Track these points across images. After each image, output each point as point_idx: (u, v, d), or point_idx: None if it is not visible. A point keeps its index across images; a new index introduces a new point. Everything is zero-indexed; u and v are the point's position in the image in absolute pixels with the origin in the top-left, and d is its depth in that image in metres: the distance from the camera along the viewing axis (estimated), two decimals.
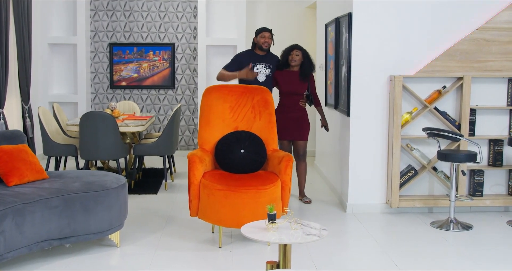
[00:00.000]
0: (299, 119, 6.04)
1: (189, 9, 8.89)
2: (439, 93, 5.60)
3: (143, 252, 4.59)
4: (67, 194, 4.32)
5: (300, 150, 6.09)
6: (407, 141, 5.71)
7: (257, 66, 5.98)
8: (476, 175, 5.74)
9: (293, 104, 6.01)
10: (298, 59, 5.99)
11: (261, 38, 5.99)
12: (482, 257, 4.54)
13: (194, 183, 4.68)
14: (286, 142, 6.07)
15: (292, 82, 6.00)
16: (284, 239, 3.38)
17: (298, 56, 5.98)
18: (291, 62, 5.99)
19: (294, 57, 5.98)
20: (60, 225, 4.26)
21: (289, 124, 5.98)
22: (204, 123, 5.09)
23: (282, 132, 5.88)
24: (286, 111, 6.00)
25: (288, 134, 6.00)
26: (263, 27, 6.12)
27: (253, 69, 5.90)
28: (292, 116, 6.00)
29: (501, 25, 5.63)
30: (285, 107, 6.02)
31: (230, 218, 4.50)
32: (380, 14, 5.60)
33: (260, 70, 5.99)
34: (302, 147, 6.08)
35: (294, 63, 5.99)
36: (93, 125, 6.16)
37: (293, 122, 6.00)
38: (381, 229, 5.31)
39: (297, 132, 6.03)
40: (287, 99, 6.02)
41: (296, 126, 6.02)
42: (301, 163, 6.14)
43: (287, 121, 5.97)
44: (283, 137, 5.98)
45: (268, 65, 6.03)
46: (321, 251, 4.61)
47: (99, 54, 8.93)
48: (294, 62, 5.98)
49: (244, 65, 5.90)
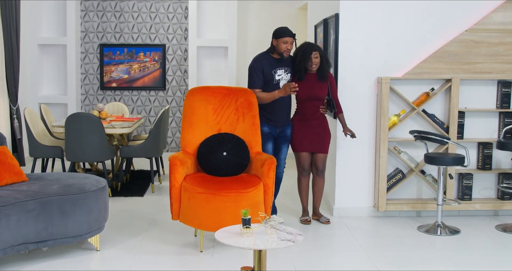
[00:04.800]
0: (320, 129, 5.31)
1: (180, 10, 8.83)
2: (427, 95, 5.53)
3: (122, 255, 4.52)
4: (44, 197, 4.24)
5: (320, 164, 5.35)
6: (395, 144, 5.64)
7: (277, 73, 5.23)
8: (465, 178, 5.66)
9: (313, 112, 5.28)
10: (318, 62, 5.20)
11: (283, 44, 5.12)
12: (468, 262, 4.47)
13: (175, 186, 4.61)
14: (305, 154, 5.32)
15: (311, 86, 5.22)
16: (257, 245, 3.30)
17: (317, 58, 5.19)
18: (312, 68, 5.20)
19: (315, 61, 5.17)
20: (36, 228, 4.19)
21: (309, 135, 5.29)
22: (187, 126, 5.02)
23: (301, 143, 5.30)
24: (306, 119, 5.30)
25: (308, 146, 5.30)
26: (286, 29, 5.19)
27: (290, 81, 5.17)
28: (312, 125, 5.29)
29: (491, 26, 5.55)
30: (303, 115, 5.30)
31: (211, 222, 4.43)
32: (367, 15, 5.52)
33: (281, 76, 5.24)
34: (322, 160, 5.35)
35: (315, 68, 5.22)
36: (79, 127, 6.08)
37: (313, 132, 5.29)
38: (367, 233, 5.23)
39: (318, 143, 5.31)
40: (306, 106, 5.28)
41: (317, 136, 5.30)
42: (319, 179, 5.41)
43: (306, 131, 5.28)
44: (302, 148, 5.31)
45: (288, 69, 5.27)
46: (303, 256, 4.54)
47: (89, 55, 8.86)
48: (315, 66, 5.20)
49: (266, 72, 5.19)
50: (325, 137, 5.35)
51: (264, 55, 5.29)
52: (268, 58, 5.25)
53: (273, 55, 5.25)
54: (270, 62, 5.22)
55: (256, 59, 5.30)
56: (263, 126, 5.25)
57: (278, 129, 5.32)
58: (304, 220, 5.41)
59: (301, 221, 5.43)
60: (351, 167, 5.65)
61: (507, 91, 5.60)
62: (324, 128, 5.34)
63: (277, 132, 5.33)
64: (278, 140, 5.35)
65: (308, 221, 5.40)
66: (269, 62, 5.22)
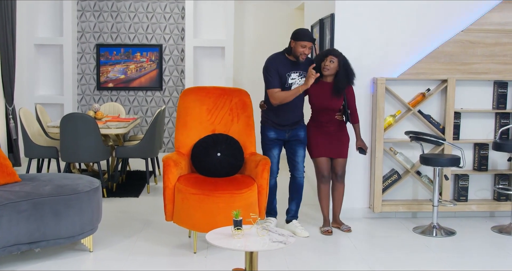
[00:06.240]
0: (337, 133, 5.10)
1: (177, 10, 8.80)
2: (423, 96, 5.50)
3: (115, 256, 4.50)
4: (37, 197, 4.22)
5: (339, 169, 5.14)
6: (390, 145, 5.61)
7: (291, 76, 4.96)
8: (461, 179, 5.63)
9: (328, 119, 5.08)
10: (333, 68, 4.94)
11: (300, 48, 4.81)
12: (463, 264, 4.45)
13: (169, 187, 4.58)
14: (324, 160, 5.08)
15: (324, 96, 5.01)
16: (248, 246, 3.27)
17: (333, 63, 4.93)
18: (324, 71, 4.95)
19: (328, 65, 4.93)
20: (29, 229, 4.16)
21: (326, 139, 5.08)
22: (181, 126, 4.99)
23: (317, 149, 5.08)
24: (322, 126, 5.10)
25: (326, 151, 5.08)
26: (307, 33, 4.89)
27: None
28: (329, 130, 5.09)
29: (487, 27, 5.53)
30: (319, 122, 5.12)
31: (205, 223, 4.40)
32: (363, 15, 5.50)
33: (295, 80, 4.96)
34: (341, 165, 5.13)
35: (327, 72, 4.96)
36: (74, 127, 6.06)
37: (330, 136, 5.09)
38: (362, 234, 5.20)
39: (336, 148, 5.09)
40: (320, 115, 5.10)
41: (335, 141, 5.09)
42: (339, 185, 5.19)
43: (323, 135, 5.08)
44: (320, 153, 5.08)
45: (303, 73, 4.97)
46: (297, 258, 4.52)
47: (86, 55, 8.83)
48: (327, 71, 4.95)
49: (281, 73, 4.92)
50: (343, 141, 5.13)
51: (280, 56, 5.01)
52: (283, 60, 4.96)
53: (288, 57, 4.96)
54: (284, 63, 4.94)
55: (270, 60, 5.02)
56: (269, 132, 5.05)
57: (288, 132, 5.06)
58: (325, 231, 5.10)
59: (322, 232, 5.12)
60: (347, 168, 5.61)
61: (503, 92, 5.57)
62: (342, 132, 5.13)
63: (287, 136, 5.07)
64: (291, 143, 5.09)
65: (329, 232, 5.09)
66: (283, 63, 4.94)
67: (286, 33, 8.81)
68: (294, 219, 5.18)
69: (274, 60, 4.99)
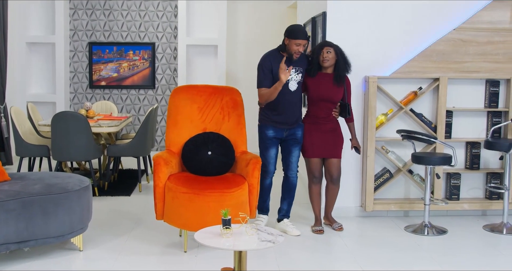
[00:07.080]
0: (332, 133, 5.07)
1: (170, 9, 8.77)
2: (415, 94, 5.50)
3: (105, 256, 4.48)
4: (26, 196, 4.19)
5: (334, 170, 5.10)
6: (382, 143, 5.60)
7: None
8: (453, 178, 5.63)
9: (326, 114, 5.04)
10: (332, 58, 4.93)
11: (295, 46, 4.77)
12: (455, 263, 4.44)
13: (159, 186, 4.56)
14: (316, 160, 5.07)
15: (325, 87, 4.97)
16: (237, 246, 3.26)
17: (330, 53, 4.92)
18: (324, 63, 4.94)
19: (326, 56, 4.92)
20: (18, 228, 4.14)
21: (320, 139, 5.04)
22: (172, 125, 4.97)
23: (311, 149, 5.04)
24: (317, 122, 5.04)
25: (320, 151, 5.05)
26: (301, 31, 4.82)
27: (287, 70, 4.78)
28: (325, 129, 5.05)
29: (479, 25, 5.53)
30: (315, 118, 5.05)
31: (195, 222, 4.38)
32: (355, 13, 5.49)
33: (291, 76, 4.90)
34: (336, 166, 5.09)
35: (327, 64, 4.94)
36: (65, 126, 6.03)
37: (325, 136, 5.04)
38: (353, 233, 5.19)
39: (330, 148, 5.05)
40: (318, 108, 5.03)
41: (329, 141, 5.05)
42: (334, 187, 5.17)
43: (318, 135, 5.04)
44: (314, 154, 5.05)
45: (299, 69, 4.95)
46: (288, 257, 4.50)
47: (78, 54, 8.79)
48: (327, 62, 4.93)
49: (275, 72, 4.85)
50: (338, 142, 5.09)
51: (274, 54, 4.94)
52: (277, 57, 4.88)
53: (283, 54, 4.89)
54: (279, 61, 4.82)
55: (265, 58, 4.97)
56: (268, 130, 4.99)
57: (286, 131, 5.00)
58: (317, 231, 5.10)
59: (313, 231, 5.12)
60: None
61: (495, 91, 5.57)
62: (336, 132, 5.10)
63: (285, 134, 5.01)
64: (288, 142, 5.04)
65: (321, 231, 5.09)
66: (278, 61, 4.84)
67: (279, 32, 8.80)
68: (285, 218, 5.16)
69: (269, 58, 4.94)
